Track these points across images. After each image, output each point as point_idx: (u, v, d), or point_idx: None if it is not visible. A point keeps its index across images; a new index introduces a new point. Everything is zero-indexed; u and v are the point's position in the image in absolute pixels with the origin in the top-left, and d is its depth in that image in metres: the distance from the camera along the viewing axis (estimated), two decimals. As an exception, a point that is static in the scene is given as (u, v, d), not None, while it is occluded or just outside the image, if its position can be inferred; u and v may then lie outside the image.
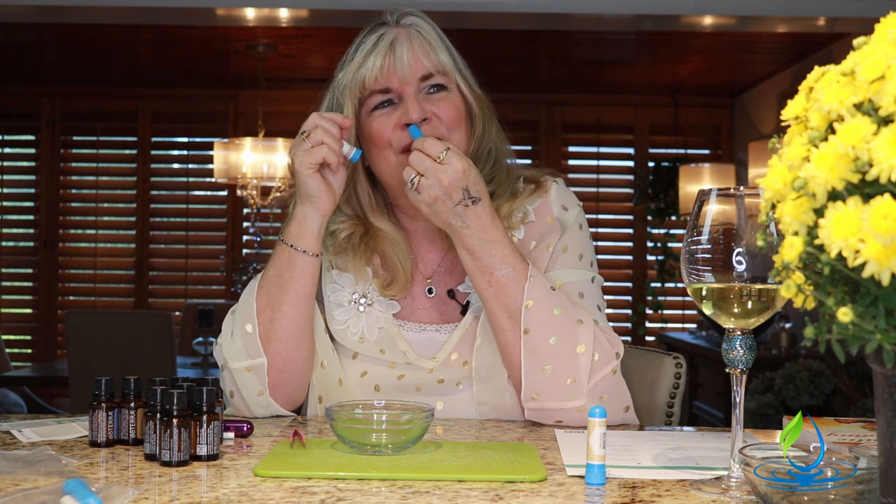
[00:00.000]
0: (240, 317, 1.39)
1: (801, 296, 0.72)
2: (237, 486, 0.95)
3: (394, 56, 1.36)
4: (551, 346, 1.31)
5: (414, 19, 1.41)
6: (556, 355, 1.31)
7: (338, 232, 1.45)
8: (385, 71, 1.37)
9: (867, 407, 3.54)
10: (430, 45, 1.39)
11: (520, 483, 0.97)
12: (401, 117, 1.37)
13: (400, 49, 1.37)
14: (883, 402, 0.72)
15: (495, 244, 1.32)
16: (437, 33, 1.42)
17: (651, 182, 6.07)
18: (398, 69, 1.36)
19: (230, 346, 1.38)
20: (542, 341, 1.31)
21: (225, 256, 6.21)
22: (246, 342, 1.37)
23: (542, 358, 1.32)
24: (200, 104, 6.23)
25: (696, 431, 1.35)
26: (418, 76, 1.37)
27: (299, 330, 1.39)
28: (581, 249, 1.46)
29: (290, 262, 1.37)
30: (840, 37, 4.68)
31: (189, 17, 4.17)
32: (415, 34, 1.39)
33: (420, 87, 1.38)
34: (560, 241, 1.45)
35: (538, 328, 1.31)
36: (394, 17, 1.41)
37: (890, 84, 0.65)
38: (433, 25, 1.42)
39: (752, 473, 0.86)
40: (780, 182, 0.72)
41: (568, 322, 1.33)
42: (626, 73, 5.91)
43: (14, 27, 4.91)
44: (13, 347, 6.25)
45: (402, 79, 1.37)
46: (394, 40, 1.37)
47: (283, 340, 1.37)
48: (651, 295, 6.14)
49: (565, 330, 1.32)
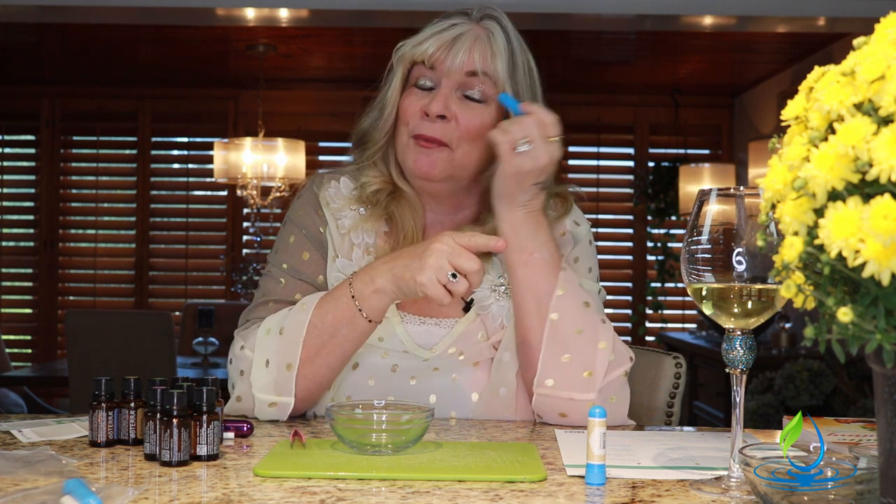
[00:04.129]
0: (283, 352, 1.33)
1: (801, 296, 0.72)
2: (237, 486, 0.95)
3: (452, 48, 1.39)
4: (575, 336, 1.34)
5: (492, 24, 1.42)
6: (579, 346, 1.34)
7: (367, 184, 1.47)
8: (437, 56, 1.39)
9: (867, 407, 3.54)
10: (492, 51, 1.40)
11: (520, 483, 0.97)
12: (425, 105, 1.39)
13: (461, 44, 1.39)
14: (883, 402, 0.72)
15: (540, 228, 1.36)
16: (507, 45, 1.41)
17: (651, 182, 6.07)
18: (447, 59, 1.39)
19: (260, 374, 1.34)
20: (567, 330, 1.34)
21: (225, 256, 6.21)
22: (279, 378, 1.33)
23: (564, 346, 1.34)
24: (200, 104, 6.23)
25: (696, 431, 1.35)
26: (464, 71, 1.39)
27: (333, 377, 1.38)
28: (590, 263, 1.51)
29: (352, 322, 1.32)
30: (840, 37, 4.68)
31: (189, 17, 4.17)
32: (484, 37, 1.40)
33: (460, 85, 1.40)
34: (573, 252, 1.49)
35: (566, 317, 1.34)
36: (477, 14, 1.43)
37: (890, 84, 0.65)
38: (510, 36, 1.43)
39: (752, 473, 0.86)
40: (780, 182, 0.72)
41: (594, 317, 1.37)
42: (626, 73, 5.91)
43: (14, 27, 4.91)
44: (13, 347, 6.25)
45: (446, 68, 1.39)
46: (461, 34, 1.39)
47: (317, 384, 1.36)
48: (651, 295, 6.14)
49: (591, 324, 1.35)
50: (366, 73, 5.80)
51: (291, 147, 5.00)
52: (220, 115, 6.24)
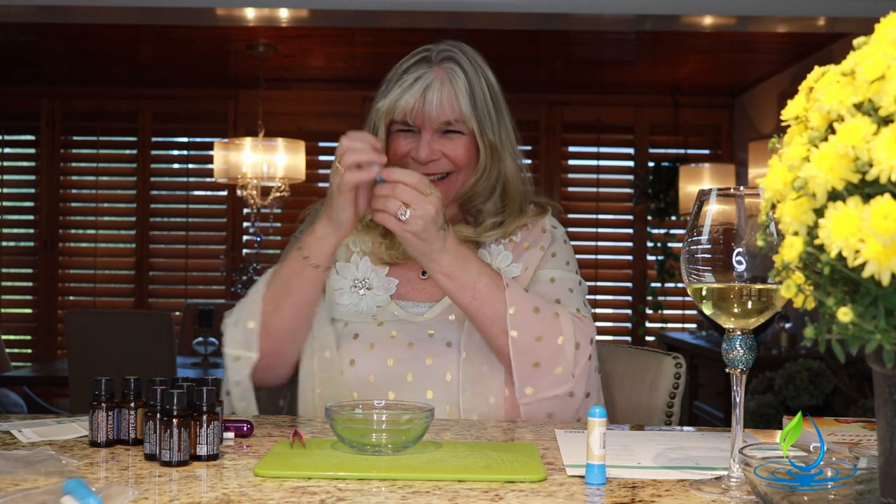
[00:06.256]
0: (246, 310, 1.51)
1: (801, 296, 0.72)
2: (237, 486, 0.95)
3: (423, 101, 1.52)
4: (537, 343, 1.44)
5: (452, 65, 1.54)
6: (542, 351, 1.44)
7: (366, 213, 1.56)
8: (413, 112, 1.52)
9: (867, 407, 3.54)
10: (456, 95, 1.53)
11: (520, 483, 0.97)
12: (412, 151, 1.54)
13: (430, 95, 1.52)
14: (883, 402, 0.72)
15: (468, 259, 1.45)
16: (468, 81, 1.54)
17: (651, 182, 6.07)
18: (425, 112, 1.52)
19: (231, 333, 1.51)
20: (528, 341, 1.44)
21: (225, 256, 6.21)
22: (245, 334, 1.49)
23: (531, 355, 1.44)
24: (200, 104, 6.22)
25: (696, 431, 1.35)
26: (439, 121, 1.53)
27: (293, 332, 1.51)
28: (567, 257, 1.63)
29: (301, 272, 1.47)
30: (840, 37, 4.68)
31: (189, 17, 4.16)
32: (447, 81, 1.53)
33: (439, 129, 1.54)
34: (550, 247, 1.62)
35: (524, 331, 1.44)
36: (437, 57, 1.55)
37: (890, 84, 0.65)
38: (470, 70, 1.55)
39: (752, 473, 0.86)
40: (780, 182, 0.72)
41: (548, 318, 1.46)
42: (626, 73, 5.91)
43: (14, 27, 4.91)
44: (13, 347, 6.25)
45: (425, 120, 1.53)
46: (428, 86, 1.52)
47: (278, 338, 1.50)
48: (651, 295, 6.13)
49: (547, 327, 1.45)
50: (366, 72, 5.83)
51: (291, 147, 5.00)
52: (220, 115, 6.24)
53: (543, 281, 1.57)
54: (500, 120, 1.59)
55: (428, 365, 1.48)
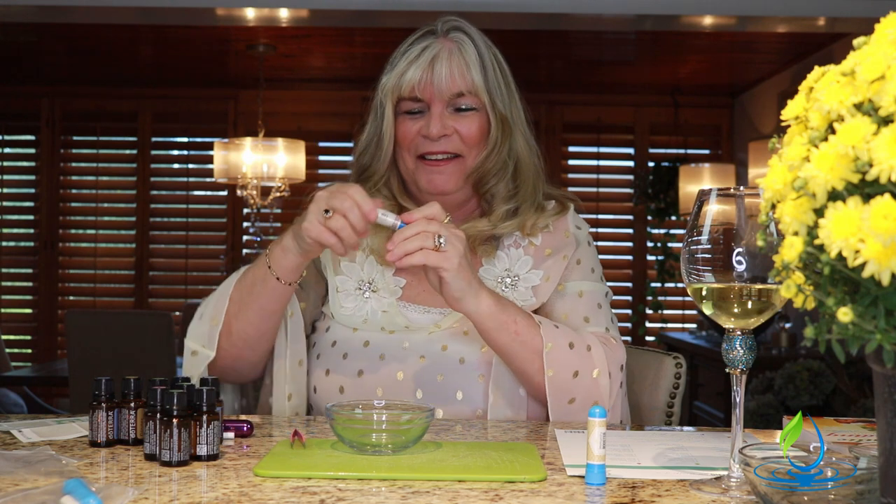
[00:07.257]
0: (213, 306, 1.46)
1: (801, 296, 0.72)
2: (237, 486, 0.95)
3: (432, 72, 1.44)
4: (574, 380, 1.39)
5: (460, 35, 1.48)
6: (579, 387, 1.39)
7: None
8: (422, 84, 1.44)
9: (867, 407, 3.54)
10: (467, 64, 1.46)
11: (520, 483, 0.97)
12: (422, 128, 1.46)
13: (439, 66, 1.44)
14: (883, 402, 0.72)
15: (501, 299, 1.36)
16: (477, 51, 1.47)
17: (651, 182, 6.07)
18: (434, 84, 1.44)
19: (194, 325, 1.47)
20: (565, 378, 1.38)
21: (225, 256, 6.21)
22: (206, 330, 1.45)
23: (567, 393, 1.39)
24: (200, 104, 6.22)
25: (696, 431, 1.35)
26: (450, 93, 1.45)
27: (255, 340, 1.45)
28: (592, 264, 1.57)
29: (264, 280, 1.40)
30: (840, 37, 4.68)
31: (189, 17, 4.17)
32: (456, 51, 1.46)
33: (450, 103, 1.46)
34: (574, 253, 1.54)
35: (560, 369, 1.38)
36: (443, 28, 1.49)
37: (890, 84, 0.65)
38: (479, 41, 1.49)
39: (752, 473, 0.86)
40: (780, 182, 0.72)
41: (581, 352, 1.40)
42: (626, 73, 5.91)
43: (14, 27, 4.91)
44: (13, 347, 6.25)
45: (434, 93, 1.45)
46: (435, 56, 1.45)
47: (238, 344, 1.45)
48: (651, 295, 6.13)
49: (582, 361, 1.39)
50: (366, 72, 5.80)
51: (291, 147, 5.00)
52: (220, 115, 6.24)
53: (571, 294, 1.51)
54: (511, 95, 1.51)
55: (439, 381, 1.42)
